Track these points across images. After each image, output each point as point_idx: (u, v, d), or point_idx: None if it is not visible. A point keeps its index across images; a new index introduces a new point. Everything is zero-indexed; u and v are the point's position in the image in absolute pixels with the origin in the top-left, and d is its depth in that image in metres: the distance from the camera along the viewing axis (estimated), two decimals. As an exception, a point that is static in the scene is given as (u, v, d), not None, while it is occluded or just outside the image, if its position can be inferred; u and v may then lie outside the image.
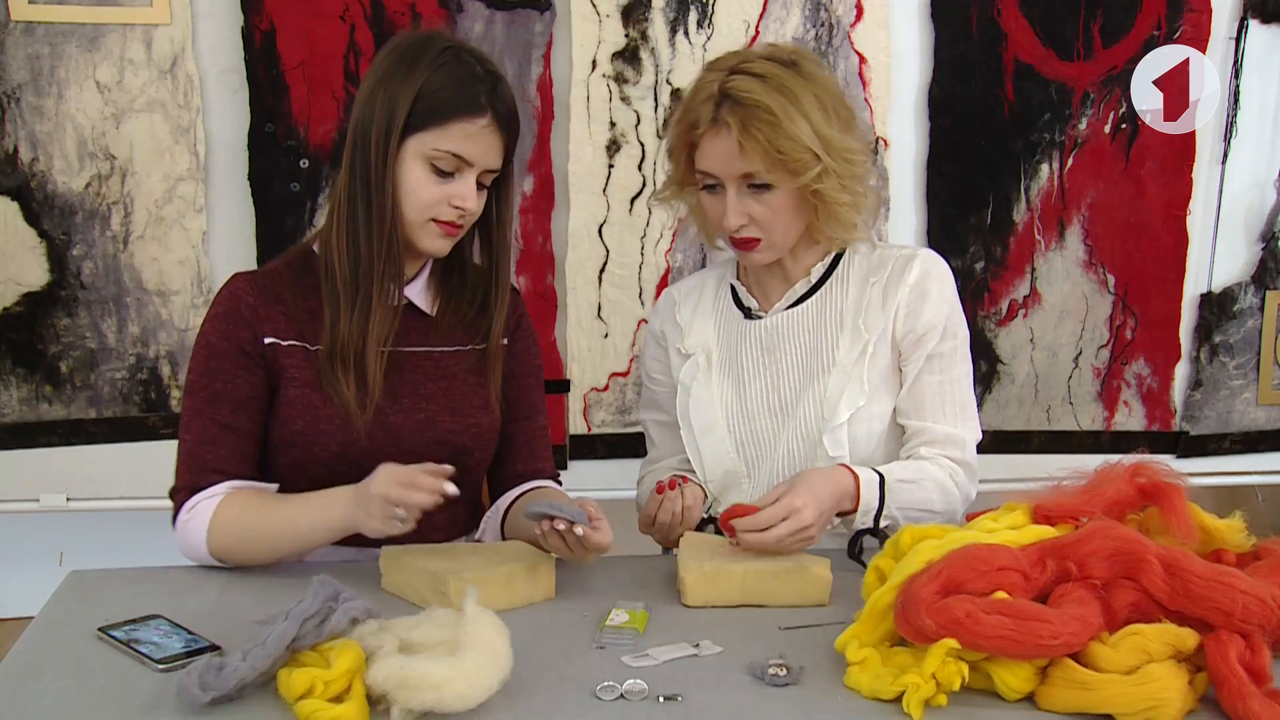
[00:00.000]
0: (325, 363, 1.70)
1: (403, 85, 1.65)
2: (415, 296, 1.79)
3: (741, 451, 1.89)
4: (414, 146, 1.66)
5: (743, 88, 1.73)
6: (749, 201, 1.77)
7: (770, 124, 1.71)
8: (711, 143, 1.76)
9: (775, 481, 1.84)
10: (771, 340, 1.89)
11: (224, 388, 1.68)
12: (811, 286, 1.89)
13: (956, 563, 1.34)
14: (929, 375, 1.83)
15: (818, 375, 1.85)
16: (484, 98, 1.65)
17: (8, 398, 2.54)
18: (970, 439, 1.86)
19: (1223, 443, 2.88)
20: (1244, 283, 2.82)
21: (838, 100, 1.79)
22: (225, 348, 1.69)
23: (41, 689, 1.32)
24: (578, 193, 2.63)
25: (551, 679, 1.35)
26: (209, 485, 1.67)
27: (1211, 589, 1.30)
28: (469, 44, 1.75)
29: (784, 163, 1.72)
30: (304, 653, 1.31)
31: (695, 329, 1.95)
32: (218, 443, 1.68)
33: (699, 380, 1.91)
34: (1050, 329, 2.79)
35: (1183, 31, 2.69)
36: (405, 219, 1.69)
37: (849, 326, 1.85)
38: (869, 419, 1.83)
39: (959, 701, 1.28)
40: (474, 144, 1.66)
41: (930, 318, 1.82)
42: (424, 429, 1.74)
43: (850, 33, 2.64)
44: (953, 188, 2.73)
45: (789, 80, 1.74)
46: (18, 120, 2.45)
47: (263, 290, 1.72)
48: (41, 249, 2.50)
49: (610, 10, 2.57)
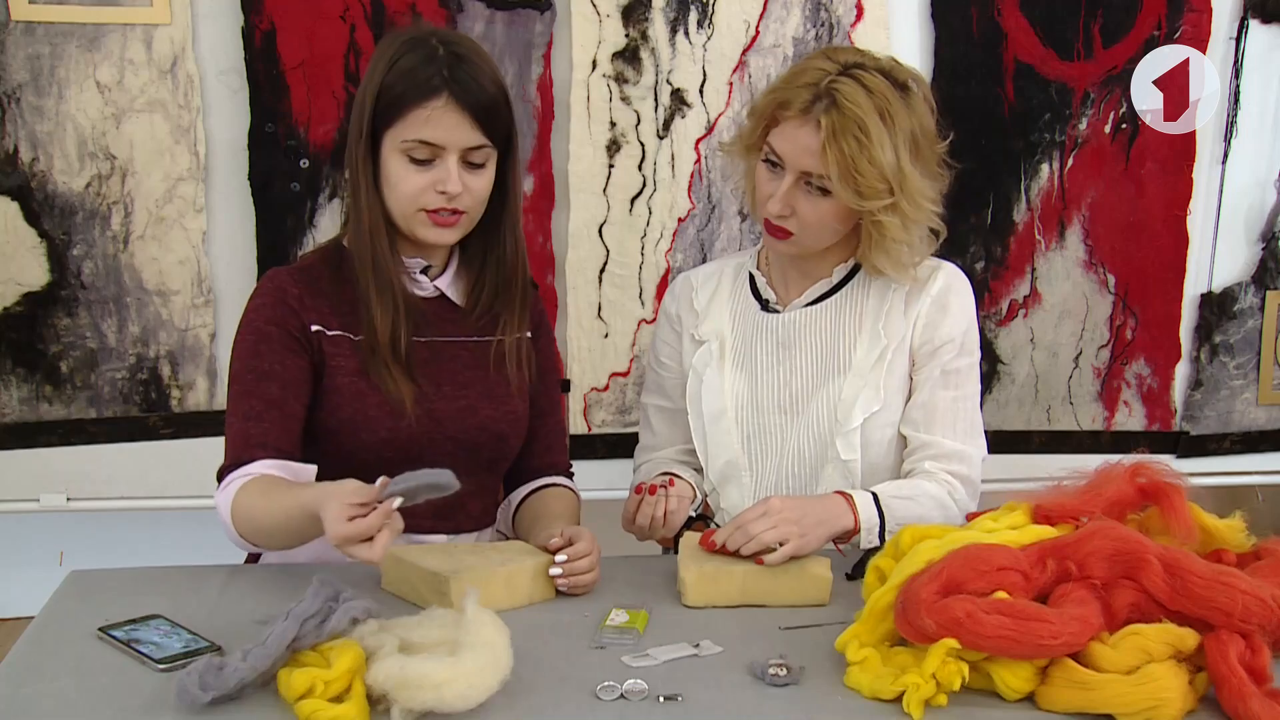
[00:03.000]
0: (369, 355, 1.71)
1: (369, 84, 1.68)
2: (446, 288, 1.80)
3: (747, 445, 1.89)
4: (389, 143, 1.68)
5: (848, 95, 1.69)
6: (800, 196, 1.76)
7: (859, 142, 1.68)
8: (794, 130, 1.73)
9: (780, 478, 1.85)
10: (788, 336, 1.88)
11: (271, 367, 1.69)
12: (833, 286, 1.88)
13: (956, 563, 1.34)
14: (943, 390, 1.82)
15: (832, 376, 1.85)
16: (437, 79, 1.65)
17: (8, 398, 2.54)
18: (977, 456, 1.85)
19: (1223, 443, 2.88)
20: (1244, 283, 2.82)
21: (931, 140, 1.78)
22: (272, 332, 1.70)
23: (41, 689, 1.32)
24: (578, 193, 2.63)
25: (551, 679, 1.35)
26: (250, 460, 1.65)
27: (1211, 589, 1.31)
28: (446, 30, 1.75)
29: (856, 182, 1.70)
30: (304, 653, 1.31)
31: (711, 315, 1.94)
32: (263, 418, 1.67)
33: (711, 368, 1.91)
34: (1050, 329, 2.79)
35: (1183, 31, 2.68)
36: (397, 213, 1.71)
37: (868, 330, 1.84)
38: (883, 425, 1.82)
39: (959, 701, 1.29)
40: (436, 126, 1.65)
41: (949, 330, 1.82)
42: (466, 415, 1.76)
43: (850, 33, 2.64)
44: (952, 188, 2.72)
45: (894, 106, 1.71)
46: (18, 120, 2.45)
47: (306, 282, 1.74)
48: (41, 249, 2.50)
49: (610, 10, 2.57)
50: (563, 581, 1.59)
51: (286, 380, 1.69)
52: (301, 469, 1.69)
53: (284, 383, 1.69)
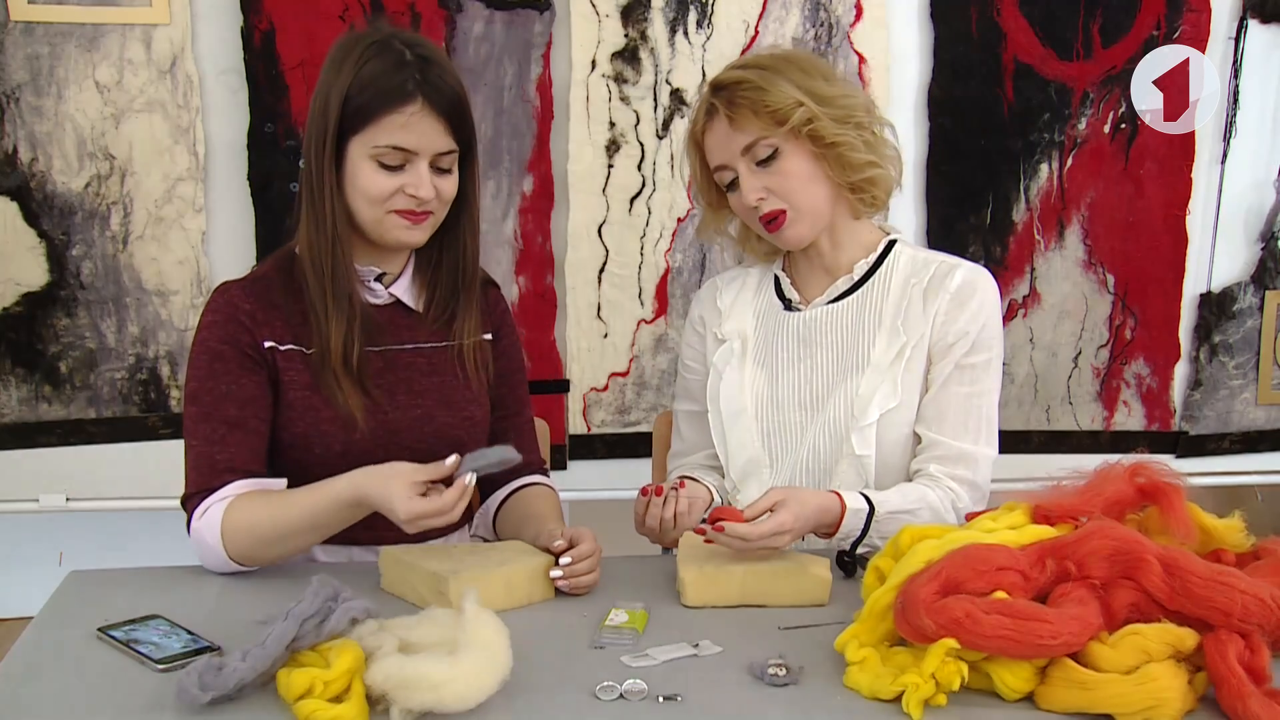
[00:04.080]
0: (320, 369, 1.69)
1: (331, 88, 1.65)
2: (402, 293, 1.79)
3: (767, 442, 1.89)
4: (356, 148, 1.65)
5: (721, 79, 1.83)
6: (761, 175, 1.81)
7: (753, 88, 1.78)
8: (711, 136, 1.84)
9: (798, 474, 1.85)
10: (808, 333, 1.89)
11: (229, 388, 1.67)
12: (854, 284, 1.89)
13: (956, 563, 1.34)
14: (957, 386, 1.82)
15: (851, 373, 1.85)
16: (410, 84, 1.63)
17: (7, 398, 2.54)
18: (985, 458, 1.83)
19: (1222, 442, 2.88)
20: (1243, 282, 2.82)
21: (811, 63, 1.85)
22: (226, 351, 1.68)
23: (41, 689, 1.32)
24: (577, 193, 2.63)
25: (551, 679, 1.35)
26: (221, 485, 1.65)
27: (1211, 589, 1.30)
28: (405, 32, 1.72)
29: (773, 116, 1.77)
30: (304, 653, 1.31)
31: (735, 315, 1.97)
32: (226, 441, 1.66)
33: (732, 365, 1.92)
34: (1050, 329, 2.79)
35: (1182, 31, 2.69)
36: (365, 217, 1.69)
37: (887, 326, 1.85)
38: (899, 423, 1.82)
39: (959, 701, 1.28)
40: (410, 132, 1.64)
41: (965, 325, 1.82)
42: (422, 424, 1.75)
43: (850, 33, 2.64)
44: (952, 187, 2.73)
45: (767, 60, 1.83)
46: (17, 120, 2.45)
47: (257, 296, 1.72)
48: (41, 249, 2.50)
49: (610, 10, 2.57)
50: (563, 582, 1.59)
51: (245, 399, 1.68)
52: (271, 484, 1.69)
53: (242, 402, 1.67)
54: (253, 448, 1.68)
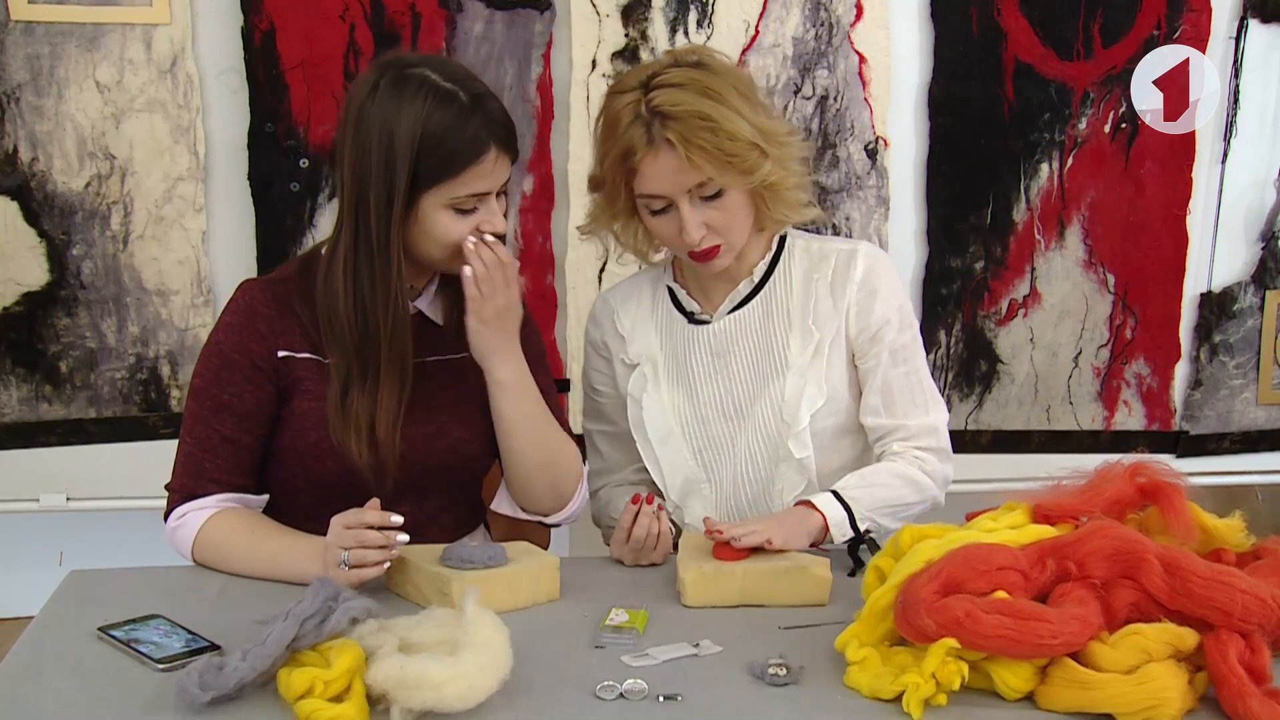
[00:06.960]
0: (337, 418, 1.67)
1: (393, 144, 1.60)
2: (425, 307, 1.79)
3: (699, 458, 1.87)
4: (431, 200, 1.63)
5: (670, 101, 1.68)
6: (704, 211, 1.73)
7: (711, 129, 1.67)
8: (653, 164, 1.70)
9: (740, 485, 1.85)
10: (720, 344, 1.87)
11: (230, 400, 1.69)
12: (755, 286, 1.87)
13: (956, 562, 1.34)
14: (894, 369, 1.82)
15: (771, 377, 1.84)
16: (483, 132, 1.62)
17: (8, 398, 2.54)
18: (941, 422, 1.85)
19: (1222, 442, 2.88)
20: (1244, 282, 2.82)
21: (750, 86, 1.77)
22: (237, 360, 1.69)
23: (41, 689, 1.32)
24: (578, 193, 2.62)
25: (551, 679, 1.35)
26: (203, 494, 1.69)
27: (1211, 589, 1.30)
28: (436, 60, 1.70)
29: (734, 164, 1.69)
30: (304, 652, 1.31)
31: (638, 337, 1.92)
32: (217, 453, 1.69)
33: (649, 392, 1.88)
34: (1050, 329, 2.79)
35: (1182, 31, 2.68)
36: (436, 258, 1.69)
37: (798, 326, 1.84)
38: (827, 417, 1.82)
39: (959, 701, 1.28)
40: (489, 179, 1.65)
41: (882, 312, 1.82)
42: (435, 439, 1.75)
43: (850, 32, 2.64)
44: (952, 187, 2.73)
45: (708, 80, 1.70)
46: (17, 120, 2.45)
47: (279, 300, 1.72)
48: (41, 249, 2.50)
49: (610, 10, 2.57)
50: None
51: (243, 414, 1.69)
52: (252, 500, 1.72)
53: (240, 416, 1.69)
54: (239, 464, 1.71)
